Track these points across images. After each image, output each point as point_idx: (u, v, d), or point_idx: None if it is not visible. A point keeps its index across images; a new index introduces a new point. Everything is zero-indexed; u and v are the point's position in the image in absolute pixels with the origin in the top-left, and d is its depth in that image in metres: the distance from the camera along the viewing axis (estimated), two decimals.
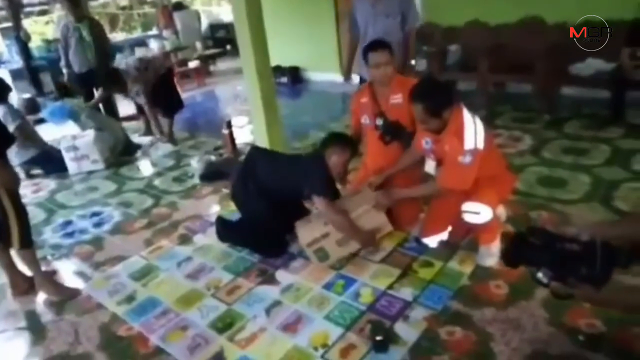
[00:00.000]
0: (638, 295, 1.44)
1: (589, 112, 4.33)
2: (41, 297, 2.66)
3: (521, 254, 1.36)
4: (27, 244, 2.57)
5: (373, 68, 2.65)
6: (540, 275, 1.32)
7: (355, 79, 3.80)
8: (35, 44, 8.37)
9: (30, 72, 7.57)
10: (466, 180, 2.21)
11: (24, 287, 2.70)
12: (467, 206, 2.26)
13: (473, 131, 2.17)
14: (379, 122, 2.72)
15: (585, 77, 4.31)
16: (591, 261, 1.22)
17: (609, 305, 1.51)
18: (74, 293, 2.66)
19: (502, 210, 2.65)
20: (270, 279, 2.55)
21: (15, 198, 2.48)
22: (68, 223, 3.55)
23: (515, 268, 1.42)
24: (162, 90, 4.87)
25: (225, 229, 2.90)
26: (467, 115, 2.23)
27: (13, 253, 2.66)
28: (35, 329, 2.43)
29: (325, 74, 6.92)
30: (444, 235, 2.60)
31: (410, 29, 3.55)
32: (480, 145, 2.17)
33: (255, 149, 2.98)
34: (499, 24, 4.98)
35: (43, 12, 9.72)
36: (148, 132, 5.36)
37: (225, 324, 2.25)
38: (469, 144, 2.15)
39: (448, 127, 2.24)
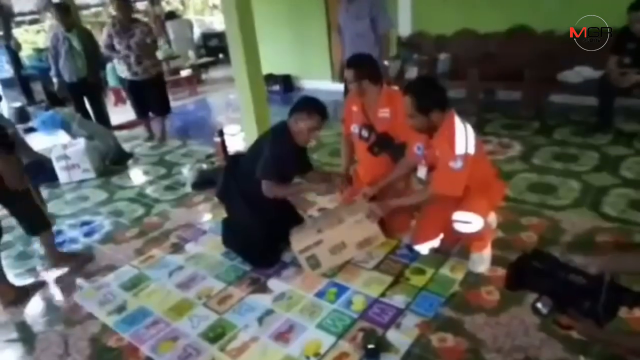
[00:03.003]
0: None
1: (578, 119, 4.39)
2: (31, 307, 2.64)
3: (523, 278, 1.31)
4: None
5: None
6: (539, 305, 1.26)
7: None
8: (26, 52, 8.34)
9: (21, 81, 7.54)
10: (457, 185, 2.22)
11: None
12: (458, 216, 2.26)
13: (464, 137, 2.19)
14: (365, 134, 2.75)
15: (573, 84, 4.36)
16: (596, 296, 1.18)
17: (610, 345, 1.44)
18: (88, 257, 3.05)
19: (493, 217, 2.66)
20: (262, 288, 2.54)
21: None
22: (58, 233, 3.50)
23: (514, 291, 1.38)
24: (152, 92, 5.12)
25: (227, 232, 2.89)
26: (458, 121, 2.24)
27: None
28: (26, 340, 2.40)
29: (317, 81, 6.94)
30: (435, 243, 2.61)
31: (383, 32, 3.94)
32: (471, 150, 2.19)
33: (236, 153, 3.07)
34: (487, 32, 5.04)
35: (34, 21, 9.69)
36: (150, 137, 5.51)
37: (217, 334, 2.23)
38: (459, 149, 2.17)
39: (439, 133, 2.26)
